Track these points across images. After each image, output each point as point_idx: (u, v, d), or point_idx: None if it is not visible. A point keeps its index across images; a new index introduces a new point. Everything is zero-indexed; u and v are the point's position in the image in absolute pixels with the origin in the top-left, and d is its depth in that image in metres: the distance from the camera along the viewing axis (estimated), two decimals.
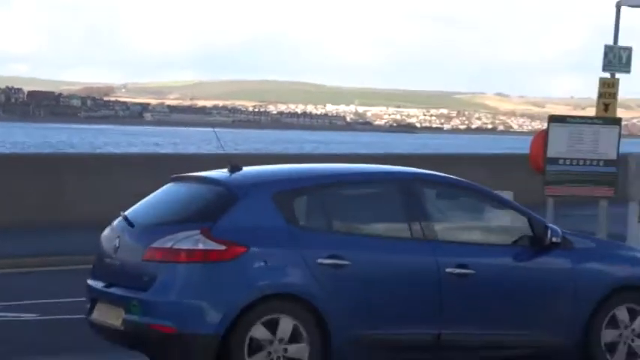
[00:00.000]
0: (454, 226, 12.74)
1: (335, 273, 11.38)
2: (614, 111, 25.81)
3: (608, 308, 12.66)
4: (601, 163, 24.54)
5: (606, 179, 24.79)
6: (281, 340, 11.01)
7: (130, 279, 11.70)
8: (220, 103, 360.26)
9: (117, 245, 12.05)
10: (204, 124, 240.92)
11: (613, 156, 24.66)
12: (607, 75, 25.69)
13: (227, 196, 11.87)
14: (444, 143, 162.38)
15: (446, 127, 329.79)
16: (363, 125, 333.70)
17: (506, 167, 38.32)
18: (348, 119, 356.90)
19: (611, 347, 12.55)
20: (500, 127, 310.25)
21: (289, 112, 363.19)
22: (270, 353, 10.98)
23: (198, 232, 11.20)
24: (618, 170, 24.95)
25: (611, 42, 25.78)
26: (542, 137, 24.68)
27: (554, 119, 25.28)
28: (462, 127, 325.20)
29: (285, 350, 11.02)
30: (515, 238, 12.76)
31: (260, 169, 14.29)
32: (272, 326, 11.07)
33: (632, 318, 12.63)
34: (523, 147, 27.31)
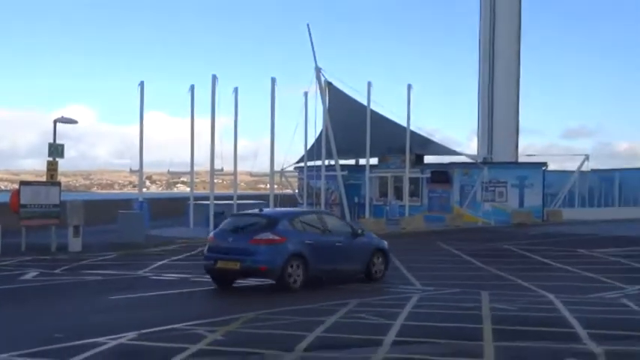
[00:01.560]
0: (333, 228, 17.20)
1: (309, 245, 15.93)
2: (57, 178, 25.75)
3: (373, 255, 17.44)
4: (51, 206, 24.22)
5: (54, 214, 24.48)
6: (293, 268, 15.51)
7: (241, 251, 15.49)
8: None
9: (231, 239, 15.87)
10: None
11: (57, 202, 24.55)
12: (52, 159, 25.31)
13: (273, 220, 16.14)
14: None
15: None
16: None
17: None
18: None
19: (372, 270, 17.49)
20: None
21: None
22: (292, 273, 15.49)
23: (269, 233, 15.66)
24: (60, 209, 24.75)
25: (52, 141, 25.57)
26: (16, 192, 24.15)
27: (23, 183, 24.83)
28: None
29: (298, 273, 15.56)
30: (350, 231, 17.49)
31: (275, 209, 22.61)
32: (293, 264, 15.53)
33: (379, 259, 17.56)
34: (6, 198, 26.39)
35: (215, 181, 36.14)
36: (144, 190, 39.18)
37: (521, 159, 47.97)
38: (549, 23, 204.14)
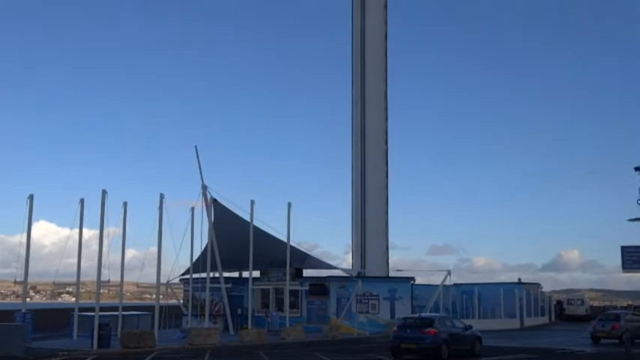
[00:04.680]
0: (456, 325, 25.78)
1: (449, 334, 24.32)
2: None
3: (475, 341, 25.31)
4: None
5: None
6: (443, 348, 23.66)
7: (417, 338, 23.22)
8: None
9: (409, 331, 23.78)
10: None
11: None
12: None
13: (431, 321, 24.16)
14: None
15: None
16: None
17: None
18: None
19: (474, 349, 25.70)
20: None
21: None
22: (443, 351, 23.57)
23: (431, 328, 23.33)
24: None
25: None
26: None
27: None
28: None
29: (445, 350, 23.84)
30: (464, 327, 25.62)
31: (427, 314, 29.34)
32: (443, 345, 23.77)
33: (478, 343, 25.79)
34: None
35: (101, 291, 34.42)
36: (27, 299, 36.71)
37: (391, 273, 48.71)
38: (415, 152, 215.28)
